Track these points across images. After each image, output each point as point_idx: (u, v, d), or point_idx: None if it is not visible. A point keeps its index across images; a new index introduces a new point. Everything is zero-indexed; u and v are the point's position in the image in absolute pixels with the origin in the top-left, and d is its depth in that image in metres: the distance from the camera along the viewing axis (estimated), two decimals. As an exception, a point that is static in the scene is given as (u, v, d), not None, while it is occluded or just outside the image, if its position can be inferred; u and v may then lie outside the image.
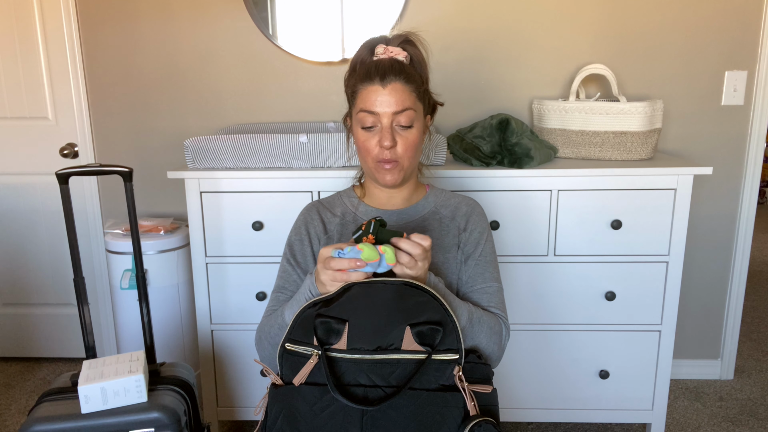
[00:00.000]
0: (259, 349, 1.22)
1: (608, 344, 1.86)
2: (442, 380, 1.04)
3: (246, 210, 1.77)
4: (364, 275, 1.03)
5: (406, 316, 1.03)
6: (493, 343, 1.17)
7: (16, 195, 2.39)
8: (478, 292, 1.24)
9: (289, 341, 1.07)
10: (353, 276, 1.02)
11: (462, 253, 1.26)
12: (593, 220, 1.77)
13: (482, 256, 1.26)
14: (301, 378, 1.05)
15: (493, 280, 1.25)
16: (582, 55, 2.12)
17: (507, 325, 1.24)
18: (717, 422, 2.09)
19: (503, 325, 1.22)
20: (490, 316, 1.19)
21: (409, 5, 2.11)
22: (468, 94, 2.17)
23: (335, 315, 1.04)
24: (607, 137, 1.84)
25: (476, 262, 1.25)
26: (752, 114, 2.14)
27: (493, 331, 1.17)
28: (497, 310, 1.23)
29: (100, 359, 1.42)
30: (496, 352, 1.19)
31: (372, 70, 1.18)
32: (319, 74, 2.18)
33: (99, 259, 2.40)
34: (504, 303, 1.26)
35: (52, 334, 2.52)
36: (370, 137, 1.20)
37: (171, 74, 2.21)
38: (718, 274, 2.28)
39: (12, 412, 2.17)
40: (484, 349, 1.17)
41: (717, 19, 2.07)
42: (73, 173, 1.50)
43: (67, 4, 2.16)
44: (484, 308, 1.22)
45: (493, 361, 1.20)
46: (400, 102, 1.17)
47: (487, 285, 1.24)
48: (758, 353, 2.59)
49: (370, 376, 1.03)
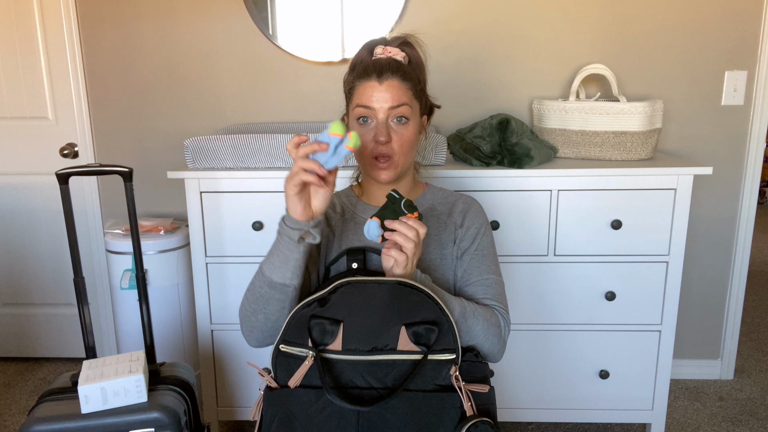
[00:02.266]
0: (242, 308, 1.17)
1: (608, 344, 1.86)
2: (439, 380, 1.04)
3: (246, 210, 1.77)
4: (316, 164, 1.00)
5: (401, 316, 1.02)
6: (492, 336, 1.15)
7: (16, 195, 2.39)
8: (473, 285, 1.22)
9: (284, 342, 1.06)
10: (307, 164, 1.00)
11: (458, 249, 1.25)
12: (593, 220, 1.77)
13: (478, 250, 1.24)
14: (296, 381, 1.04)
15: (489, 273, 1.23)
16: (582, 55, 2.12)
17: (506, 318, 1.21)
18: (717, 422, 2.09)
19: (501, 317, 1.19)
20: (486, 308, 1.17)
21: (409, 5, 2.11)
22: (468, 94, 2.17)
23: (330, 315, 1.03)
24: (607, 137, 1.84)
25: (471, 257, 1.24)
26: (752, 114, 2.14)
27: (490, 323, 1.15)
28: (493, 301, 1.20)
29: (100, 359, 1.42)
30: (496, 345, 1.17)
31: (370, 68, 1.19)
32: (319, 74, 2.18)
33: (99, 259, 2.40)
34: (503, 295, 1.24)
35: (52, 334, 2.52)
36: (365, 132, 1.20)
37: (171, 74, 2.21)
38: (718, 274, 2.28)
39: (12, 412, 2.17)
40: (483, 344, 1.15)
41: (717, 19, 2.07)
42: (73, 173, 1.50)
43: (67, 4, 2.16)
44: (479, 301, 1.20)
45: (494, 354, 1.18)
46: (396, 98, 1.17)
47: (483, 278, 1.22)
48: (758, 353, 2.59)
49: (365, 377, 1.02)
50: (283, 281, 1.10)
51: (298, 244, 1.07)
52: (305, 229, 1.06)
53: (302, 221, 1.05)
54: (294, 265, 1.09)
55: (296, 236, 1.06)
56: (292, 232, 1.06)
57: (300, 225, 1.06)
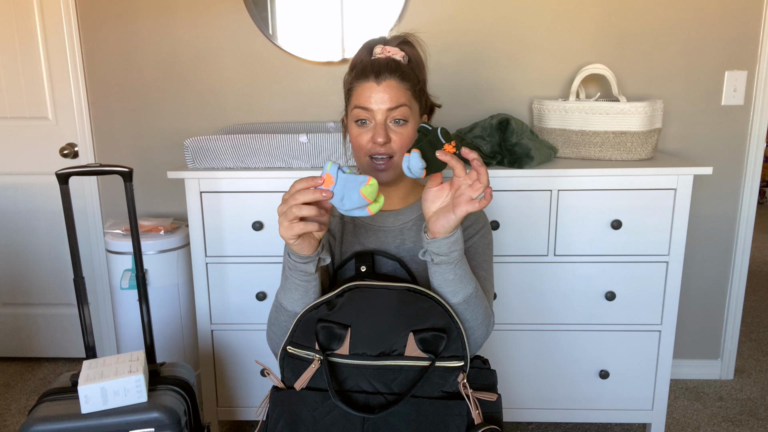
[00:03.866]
0: (270, 342, 1.19)
1: (608, 344, 1.86)
2: (446, 387, 1.03)
3: (246, 210, 1.77)
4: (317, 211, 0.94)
5: (410, 322, 1.02)
6: (484, 326, 1.13)
7: (16, 195, 2.39)
8: None
9: (291, 344, 1.07)
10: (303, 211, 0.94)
11: None
12: (593, 220, 1.77)
13: (473, 248, 1.23)
14: (302, 383, 1.04)
15: (479, 269, 1.21)
16: (582, 55, 2.12)
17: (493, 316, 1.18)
18: (717, 422, 2.09)
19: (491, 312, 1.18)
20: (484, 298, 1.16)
21: (409, 5, 2.11)
22: (468, 94, 2.17)
23: (337, 320, 1.03)
24: (607, 137, 1.84)
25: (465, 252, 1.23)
26: (752, 114, 2.14)
27: (486, 314, 1.13)
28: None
29: (100, 359, 1.42)
30: (482, 337, 1.14)
31: (368, 68, 1.18)
32: (319, 74, 2.18)
33: (99, 259, 2.40)
34: (490, 294, 1.22)
35: (52, 334, 2.52)
36: (363, 133, 1.19)
37: (171, 74, 2.21)
38: (718, 274, 2.28)
39: (12, 412, 2.17)
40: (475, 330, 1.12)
41: (717, 19, 2.07)
42: (73, 173, 1.50)
43: (67, 4, 2.16)
44: None
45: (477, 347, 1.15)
46: (394, 98, 1.16)
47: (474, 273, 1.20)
48: (758, 353, 2.59)
49: (372, 382, 1.02)
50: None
51: (314, 273, 1.07)
52: (315, 259, 1.05)
53: (311, 254, 1.04)
54: (314, 292, 1.09)
55: (312, 269, 1.05)
56: (305, 266, 1.05)
57: (310, 258, 1.04)
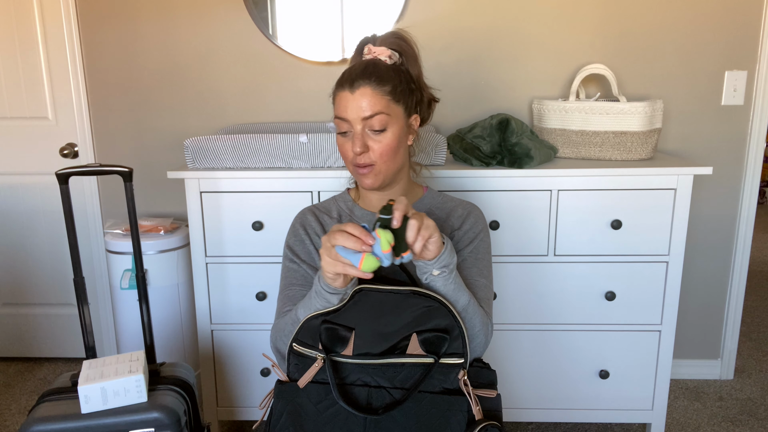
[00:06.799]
0: (275, 350, 1.21)
1: (608, 344, 1.86)
2: (447, 384, 1.05)
3: (246, 210, 1.77)
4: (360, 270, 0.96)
5: (414, 325, 1.04)
6: (482, 335, 1.14)
7: (16, 195, 2.39)
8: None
9: (296, 341, 1.09)
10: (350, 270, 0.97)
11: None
12: (593, 220, 1.77)
13: (473, 254, 1.23)
14: (305, 380, 1.06)
15: (480, 276, 1.22)
16: (582, 55, 2.12)
17: (491, 324, 1.18)
18: (717, 422, 2.09)
19: (489, 321, 1.18)
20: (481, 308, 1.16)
21: (409, 5, 2.11)
22: (468, 94, 2.17)
23: (342, 322, 1.05)
24: (607, 137, 1.84)
25: (464, 258, 1.23)
26: (752, 114, 2.14)
27: (483, 322, 1.14)
28: (482, 305, 1.19)
29: (100, 359, 1.42)
30: (481, 345, 1.15)
31: (345, 76, 1.18)
32: (319, 74, 2.18)
33: (99, 259, 2.40)
34: (490, 301, 1.22)
35: (52, 334, 2.52)
36: (344, 142, 1.20)
37: (171, 74, 2.21)
38: (718, 274, 2.28)
39: (12, 412, 2.17)
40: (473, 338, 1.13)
41: (717, 19, 2.07)
42: (73, 173, 1.50)
43: (67, 4, 2.16)
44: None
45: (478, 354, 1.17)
46: (369, 107, 1.15)
47: (474, 280, 1.21)
48: (758, 353, 2.59)
49: (375, 377, 1.05)
50: None
51: (336, 304, 1.08)
52: (343, 292, 1.06)
53: (341, 288, 1.05)
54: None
55: (336, 301, 1.07)
56: (330, 297, 1.07)
57: (339, 291, 1.06)
